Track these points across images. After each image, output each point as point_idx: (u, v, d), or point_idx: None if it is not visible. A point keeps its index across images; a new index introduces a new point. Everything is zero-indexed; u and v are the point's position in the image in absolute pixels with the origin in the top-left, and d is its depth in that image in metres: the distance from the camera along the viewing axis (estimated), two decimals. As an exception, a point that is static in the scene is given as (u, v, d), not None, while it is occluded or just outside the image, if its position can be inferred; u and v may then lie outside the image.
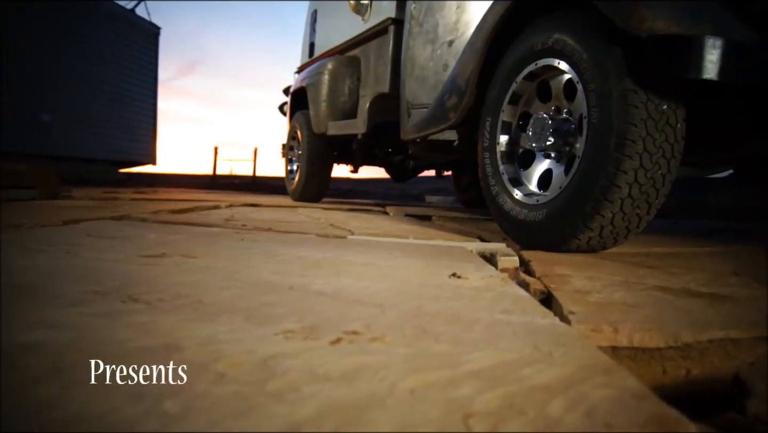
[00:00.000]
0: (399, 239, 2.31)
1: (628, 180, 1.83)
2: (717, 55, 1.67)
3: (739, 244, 2.93)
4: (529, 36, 2.22)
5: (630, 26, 1.77)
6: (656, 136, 1.82)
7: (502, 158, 2.36)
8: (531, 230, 2.14)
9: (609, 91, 1.85)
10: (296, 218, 3.20)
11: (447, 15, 3.38)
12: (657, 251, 2.40)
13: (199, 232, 2.15)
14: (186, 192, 6.91)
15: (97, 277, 1.15)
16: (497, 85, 2.37)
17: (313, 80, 4.84)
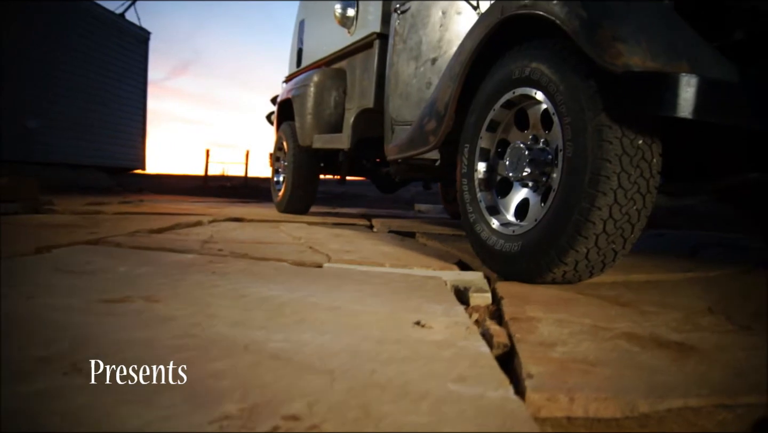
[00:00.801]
0: (375, 267, 2.28)
1: (602, 216, 1.82)
2: (692, 94, 1.65)
3: (720, 267, 2.91)
4: (507, 63, 2.20)
5: (605, 61, 1.76)
6: (631, 171, 1.80)
7: (480, 185, 2.34)
8: (507, 261, 2.12)
9: (584, 126, 1.83)
10: (277, 237, 3.17)
11: (430, 33, 3.36)
12: (635, 279, 2.38)
13: (172, 262, 2.12)
14: (173, 200, 6.88)
15: (50, 335, 1.12)
16: (476, 112, 2.35)
17: (299, 92, 4.81)
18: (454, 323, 1.41)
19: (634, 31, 1.76)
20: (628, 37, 1.75)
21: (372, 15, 4.20)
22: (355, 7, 4.37)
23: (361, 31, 4.29)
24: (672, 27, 1.82)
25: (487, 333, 1.35)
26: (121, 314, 1.33)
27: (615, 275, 2.32)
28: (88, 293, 1.52)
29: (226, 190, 14.15)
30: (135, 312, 1.35)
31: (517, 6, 2.12)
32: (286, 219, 4.50)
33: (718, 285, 2.37)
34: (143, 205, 5.28)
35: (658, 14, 1.84)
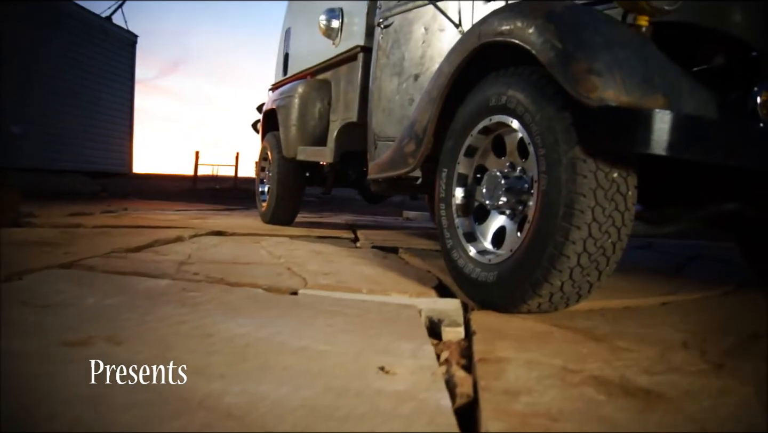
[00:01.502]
0: (351, 294, 2.26)
1: (576, 250, 1.80)
2: (665, 130, 1.64)
3: (703, 287, 2.90)
4: (484, 89, 2.18)
5: (579, 94, 1.74)
6: (606, 205, 1.79)
7: (458, 211, 2.32)
8: (483, 290, 2.10)
9: (558, 158, 1.81)
10: (256, 256, 3.14)
11: (413, 48, 3.34)
12: (613, 305, 2.37)
13: (143, 290, 2.10)
14: (158, 207, 6.83)
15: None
16: (453, 137, 2.33)
17: (284, 103, 4.79)
18: (420, 367, 1.39)
19: (609, 64, 1.74)
20: (603, 71, 1.73)
21: (357, 27, 4.18)
22: (340, 19, 4.35)
23: (346, 43, 4.27)
24: (648, 59, 1.80)
25: (452, 381, 1.33)
26: (81, 360, 1.30)
27: (594, 300, 2.29)
28: (50, 334, 1.49)
29: (215, 194, 14.11)
30: (94, 358, 1.32)
31: (493, 33, 2.10)
32: (269, 232, 4.47)
33: (698, 312, 2.36)
34: (125, 216, 5.23)
35: (635, 46, 1.82)
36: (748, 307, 2.52)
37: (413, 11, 3.37)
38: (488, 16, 2.20)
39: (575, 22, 1.86)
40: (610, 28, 1.85)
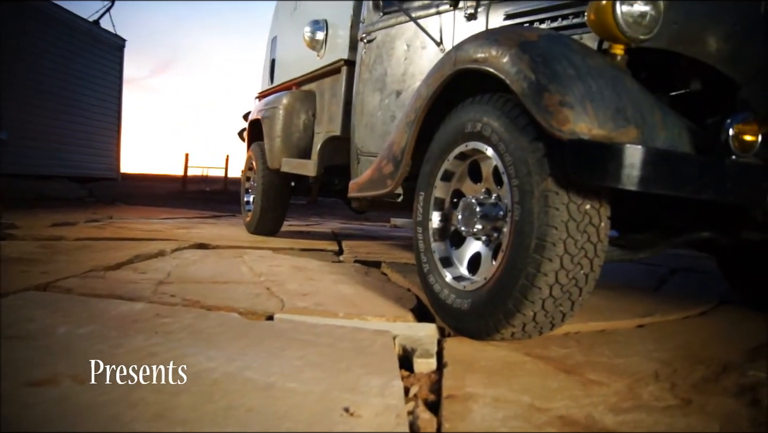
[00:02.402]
0: (327, 318, 2.26)
1: (548, 281, 1.80)
2: (636, 165, 1.64)
3: (682, 305, 2.91)
4: (460, 115, 2.18)
5: (552, 126, 1.74)
6: (578, 237, 1.79)
7: (434, 235, 2.32)
8: (457, 317, 2.10)
9: (531, 189, 1.81)
10: (237, 273, 3.13)
11: (395, 65, 3.34)
12: (590, 328, 2.38)
13: (118, 316, 2.09)
14: (144, 215, 6.80)
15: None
16: (430, 161, 2.33)
17: (268, 114, 4.77)
18: (386, 408, 1.39)
19: (581, 97, 1.75)
20: (575, 103, 1.74)
21: (341, 39, 4.18)
22: (324, 31, 4.34)
23: (330, 55, 4.26)
24: (622, 90, 1.81)
25: (416, 423, 1.33)
26: (42, 402, 1.29)
27: (570, 322, 2.28)
28: (16, 371, 1.48)
29: (204, 197, 14.08)
30: (56, 402, 1.31)
31: (468, 59, 2.10)
32: (253, 244, 4.46)
33: (673, 336, 2.37)
34: (109, 226, 5.21)
35: (609, 77, 1.82)
36: (722, 330, 2.53)
37: (395, 27, 3.37)
38: (464, 42, 2.20)
39: (549, 52, 1.86)
40: (584, 58, 1.85)
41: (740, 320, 2.75)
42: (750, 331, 2.52)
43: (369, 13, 3.63)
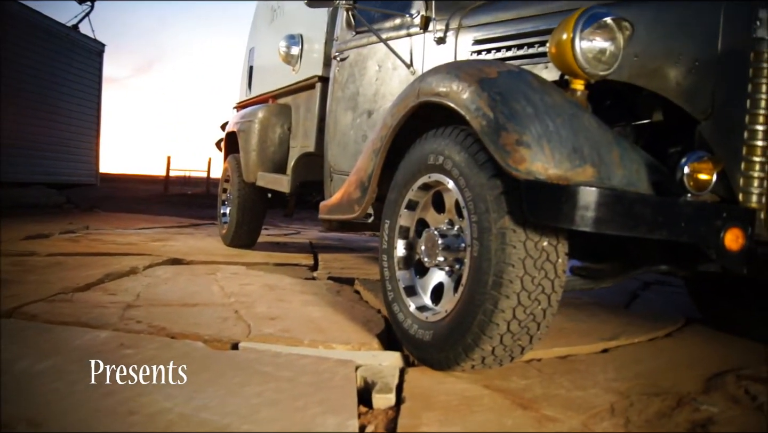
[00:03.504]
0: (291, 347, 2.27)
1: (506, 318, 1.82)
2: (590, 207, 1.66)
3: (650, 325, 2.95)
4: (424, 146, 2.20)
5: (509, 165, 1.76)
6: (535, 274, 1.81)
7: (399, 264, 2.33)
8: (420, 348, 2.12)
9: (489, 226, 1.83)
10: (207, 293, 3.13)
11: (367, 85, 3.35)
12: (553, 354, 2.41)
13: (80, 347, 2.09)
14: (122, 224, 6.77)
15: None
16: (395, 190, 2.35)
17: (244, 127, 4.77)
18: (338, 454, 1.40)
19: (539, 136, 1.77)
20: (532, 143, 1.76)
21: (316, 54, 4.18)
22: (300, 46, 4.35)
23: (305, 71, 4.27)
24: (579, 129, 1.82)
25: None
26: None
27: (534, 348, 2.29)
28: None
29: (186, 200, 14.03)
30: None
31: (431, 92, 2.12)
32: (227, 258, 4.46)
33: (635, 363, 2.39)
34: (84, 238, 5.17)
35: (567, 115, 1.84)
36: (685, 354, 2.56)
37: (367, 47, 3.39)
38: (428, 74, 2.22)
39: (508, 90, 1.88)
40: (543, 96, 1.87)
41: (703, 343, 2.78)
42: (711, 355, 2.56)
43: (342, 31, 3.64)
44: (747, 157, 1.84)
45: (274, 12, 5.16)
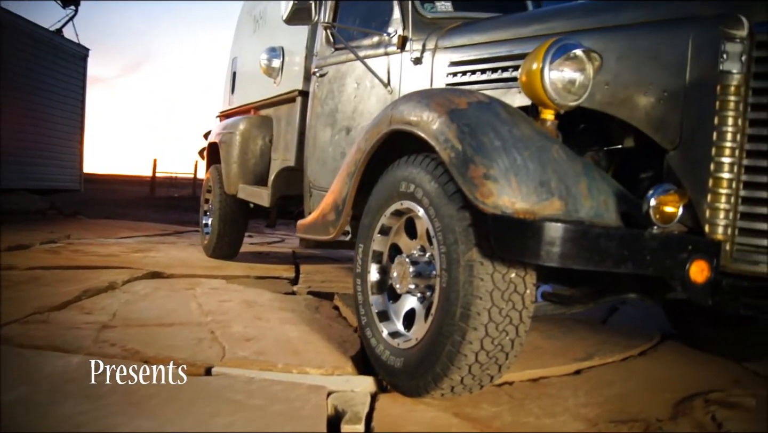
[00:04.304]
0: (264, 372, 2.27)
1: (473, 349, 1.84)
2: (556, 242, 1.68)
3: (625, 342, 2.98)
4: (396, 173, 2.21)
5: (476, 198, 1.78)
6: (503, 306, 1.83)
7: (373, 288, 2.34)
8: (391, 374, 2.13)
9: (457, 258, 1.85)
10: (185, 311, 3.13)
11: (345, 102, 3.36)
12: (526, 376, 2.43)
13: (51, 375, 2.08)
14: (105, 232, 6.74)
15: None
16: (369, 214, 2.36)
17: (226, 139, 4.77)
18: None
19: (506, 170, 1.78)
20: (500, 177, 1.77)
21: (297, 67, 4.19)
22: (281, 58, 4.35)
23: (286, 84, 4.28)
24: (547, 161, 1.83)
25: None
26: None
27: (513, 369, 2.30)
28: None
29: (172, 203, 13.99)
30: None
31: (403, 121, 2.13)
32: (208, 271, 4.45)
33: (607, 385, 2.42)
34: (65, 249, 5.15)
35: (535, 147, 1.85)
36: (656, 376, 2.58)
37: (346, 64, 3.40)
38: (400, 102, 2.23)
39: (476, 122, 1.89)
40: (512, 128, 1.88)
41: (676, 362, 2.81)
42: (682, 376, 2.58)
43: (321, 47, 3.65)
44: (713, 189, 1.85)
45: (257, 23, 5.17)
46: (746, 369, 2.77)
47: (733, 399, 2.28)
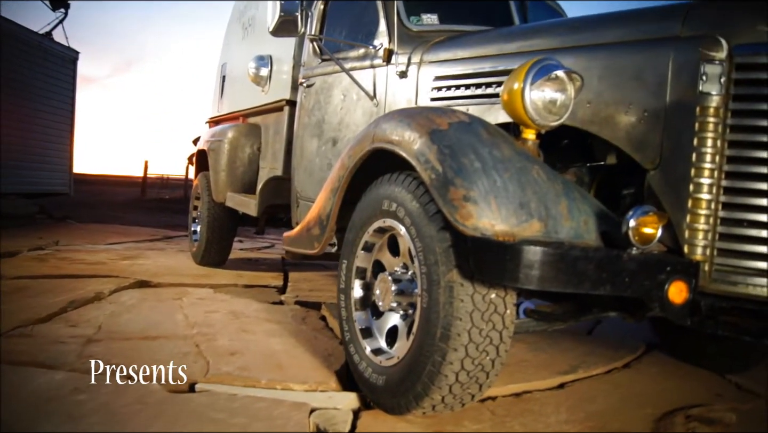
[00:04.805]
0: (247, 389, 2.28)
1: (454, 369, 1.85)
2: (535, 265, 1.68)
3: (610, 354, 2.99)
4: (379, 191, 2.22)
5: (456, 221, 1.78)
6: (483, 326, 1.84)
7: (356, 304, 2.35)
8: (374, 391, 2.14)
9: (438, 279, 1.86)
10: (171, 323, 3.13)
11: (332, 113, 3.37)
12: (509, 391, 2.45)
13: (33, 393, 2.08)
14: (93, 238, 6.73)
15: None
16: (353, 230, 2.36)
17: (214, 147, 4.77)
18: None
19: (486, 192, 1.78)
20: (479, 199, 1.78)
21: (285, 75, 4.18)
22: (269, 67, 4.34)
23: (274, 93, 4.27)
24: (527, 182, 1.84)
25: None
26: None
27: (496, 384, 2.29)
28: None
29: (163, 205, 13.96)
30: None
31: (385, 139, 2.14)
32: (196, 279, 4.45)
33: (591, 399, 2.44)
34: (53, 256, 5.13)
35: (515, 169, 1.85)
36: (639, 389, 2.60)
37: (333, 75, 3.40)
38: (382, 119, 2.24)
39: (457, 143, 1.90)
40: (492, 149, 1.89)
41: (659, 375, 2.83)
42: (664, 390, 2.61)
43: (308, 57, 3.66)
44: (692, 210, 1.87)
45: (246, 30, 5.16)
46: (729, 381, 2.79)
47: (714, 415, 2.30)
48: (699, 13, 1.96)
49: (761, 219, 1.80)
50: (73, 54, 10.22)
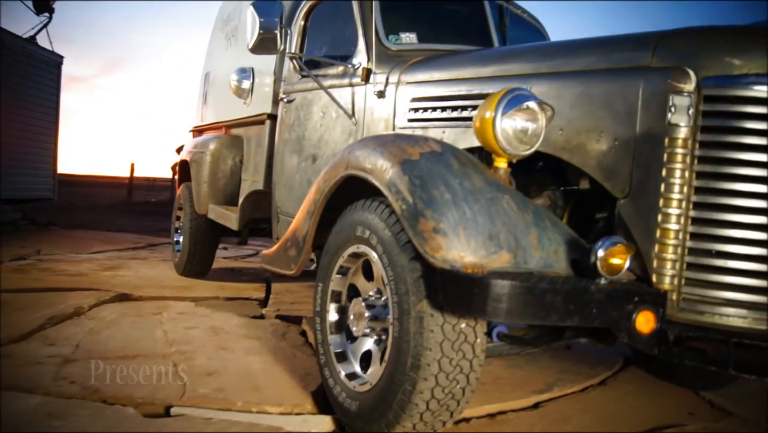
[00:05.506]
0: (222, 413, 2.29)
1: (424, 398, 1.87)
2: (502, 298, 1.70)
3: (586, 371, 3.02)
4: (353, 217, 2.23)
5: (426, 252, 1.80)
6: (453, 356, 1.86)
7: (331, 328, 2.37)
8: (348, 416, 2.16)
9: (408, 309, 1.88)
10: (149, 340, 3.13)
11: (311, 130, 3.38)
12: (483, 411, 2.47)
13: (7, 418, 2.08)
14: (77, 246, 6.70)
15: None
16: (328, 254, 2.38)
17: (196, 158, 4.77)
18: None
19: (455, 224, 1.80)
20: (449, 231, 1.79)
21: (267, 88, 4.18)
22: (251, 79, 4.34)
23: (256, 106, 4.27)
24: (497, 213, 1.85)
25: None
26: None
27: (471, 404, 2.31)
28: None
29: (149, 209, 13.92)
30: None
31: (358, 167, 2.15)
32: (177, 292, 4.44)
33: (566, 419, 2.46)
34: (34, 267, 5.11)
35: (485, 200, 1.87)
36: (614, 408, 2.64)
37: (313, 92, 3.41)
38: (356, 146, 2.25)
39: (428, 174, 1.91)
40: (463, 180, 1.90)
41: (634, 392, 2.86)
42: (638, 409, 2.64)
43: (289, 73, 3.66)
44: (660, 240, 1.89)
45: (228, 40, 5.16)
46: (702, 399, 2.83)
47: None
48: (669, 44, 1.98)
49: (728, 249, 1.82)
50: (57, 58, 10.16)
